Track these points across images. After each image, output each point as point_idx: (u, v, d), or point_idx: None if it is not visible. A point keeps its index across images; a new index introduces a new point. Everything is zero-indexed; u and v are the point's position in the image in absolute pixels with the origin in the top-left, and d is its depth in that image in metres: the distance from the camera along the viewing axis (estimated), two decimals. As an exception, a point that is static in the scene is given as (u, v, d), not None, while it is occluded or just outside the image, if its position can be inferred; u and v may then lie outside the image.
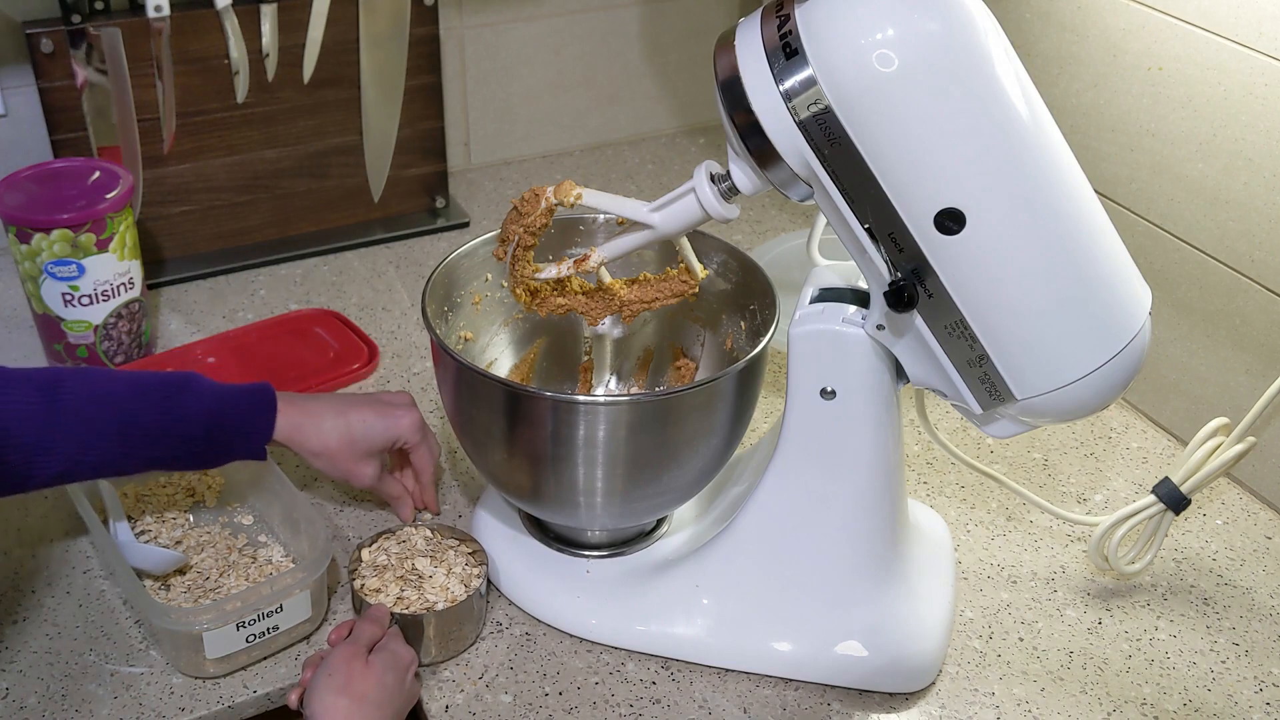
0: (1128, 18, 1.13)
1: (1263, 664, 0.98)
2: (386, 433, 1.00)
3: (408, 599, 0.94)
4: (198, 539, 1.02)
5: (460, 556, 0.98)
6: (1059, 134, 0.77)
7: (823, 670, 0.94)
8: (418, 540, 0.99)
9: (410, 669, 0.88)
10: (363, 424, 0.99)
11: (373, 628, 0.89)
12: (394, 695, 0.85)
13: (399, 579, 0.95)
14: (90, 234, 1.14)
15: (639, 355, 1.10)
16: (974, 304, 0.77)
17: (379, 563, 0.97)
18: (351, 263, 1.44)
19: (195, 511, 1.06)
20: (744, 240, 1.50)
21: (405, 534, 0.99)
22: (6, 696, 0.90)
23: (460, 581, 0.95)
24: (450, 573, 0.96)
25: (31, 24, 1.25)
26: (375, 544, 0.99)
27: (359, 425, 0.98)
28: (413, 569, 0.96)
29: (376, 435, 0.99)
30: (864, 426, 0.87)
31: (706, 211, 0.85)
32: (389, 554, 0.98)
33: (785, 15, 0.75)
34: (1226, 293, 1.11)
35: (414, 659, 0.89)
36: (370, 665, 0.85)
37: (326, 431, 0.97)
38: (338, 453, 0.98)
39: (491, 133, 1.63)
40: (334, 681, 0.83)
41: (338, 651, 0.86)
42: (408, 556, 0.97)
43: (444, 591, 0.94)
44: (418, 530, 1.00)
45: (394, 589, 0.94)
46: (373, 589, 0.94)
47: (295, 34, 1.35)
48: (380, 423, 0.99)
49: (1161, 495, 0.99)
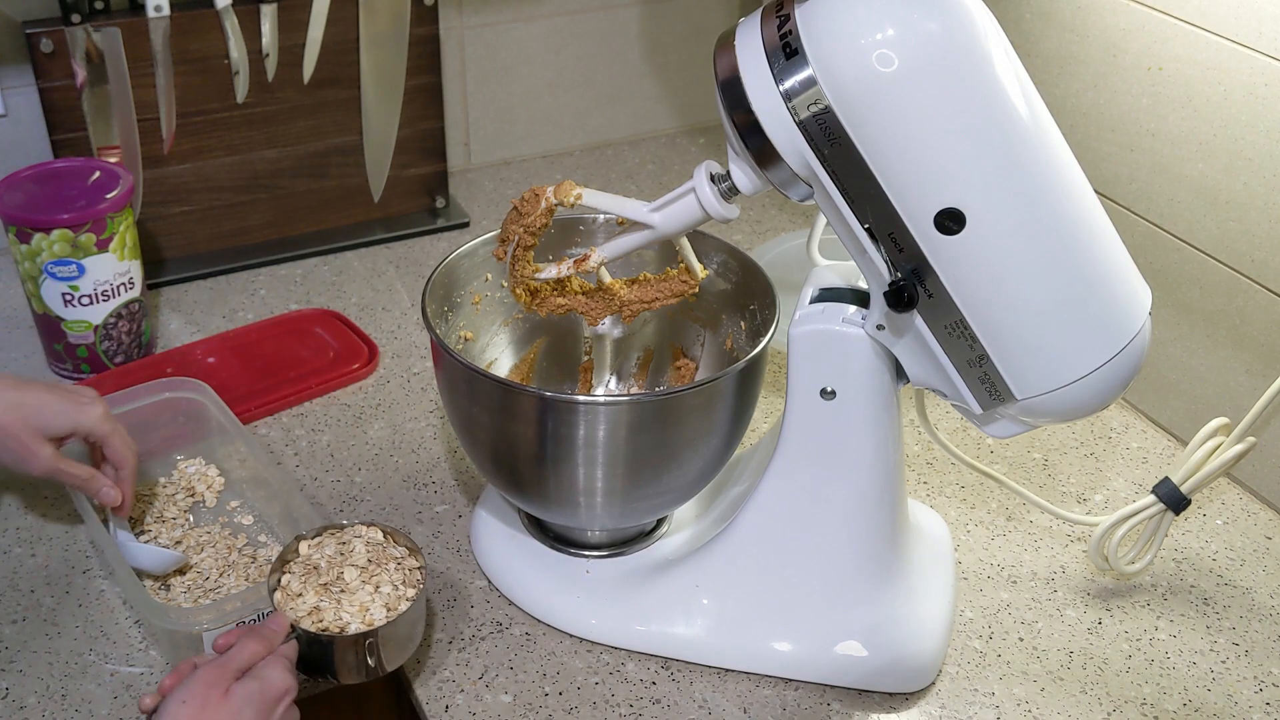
0: (1128, 18, 1.13)
1: (1263, 664, 0.98)
2: (69, 418, 0.93)
3: (323, 611, 0.86)
4: (197, 539, 1.02)
5: (399, 573, 0.90)
6: (1059, 134, 0.77)
7: (823, 670, 0.94)
8: (359, 545, 0.91)
9: (283, 700, 0.79)
10: (42, 404, 0.93)
11: (255, 646, 0.81)
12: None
13: (322, 586, 0.87)
14: (90, 234, 1.14)
15: (639, 355, 1.10)
16: (974, 304, 0.77)
17: (313, 561, 0.90)
18: (351, 263, 1.44)
19: (195, 511, 1.06)
20: (744, 240, 1.50)
21: (353, 533, 0.92)
22: (6, 696, 0.90)
23: (384, 604, 0.87)
24: (377, 591, 0.88)
25: (31, 24, 1.25)
26: (318, 539, 0.92)
27: (37, 404, 0.93)
28: (338, 577, 0.88)
29: (58, 419, 0.93)
30: (864, 426, 0.87)
31: (706, 211, 0.85)
32: (325, 554, 0.90)
33: (785, 15, 0.75)
34: (1226, 293, 1.11)
35: (290, 689, 0.80)
36: (228, 697, 0.76)
37: (2, 404, 0.91)
38: (9, 427, 0.91)
39: (491, 133, 1.63)
40: (184, 711, 0.75)
41: (201, 673, 0.78)
42: (342, 562, 0.89)
43: (361, 613, 0.86)
44: (369, 530, 0.93)
45: (312, 597, 0.87)
46: (292, 592, 0.87)
47: (295, 34, 1.35)
48: (62, 406, 0.93)
49: (1161, 495, 0.99)
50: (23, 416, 0.92)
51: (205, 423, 1.11)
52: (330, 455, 1.15)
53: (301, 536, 0.92)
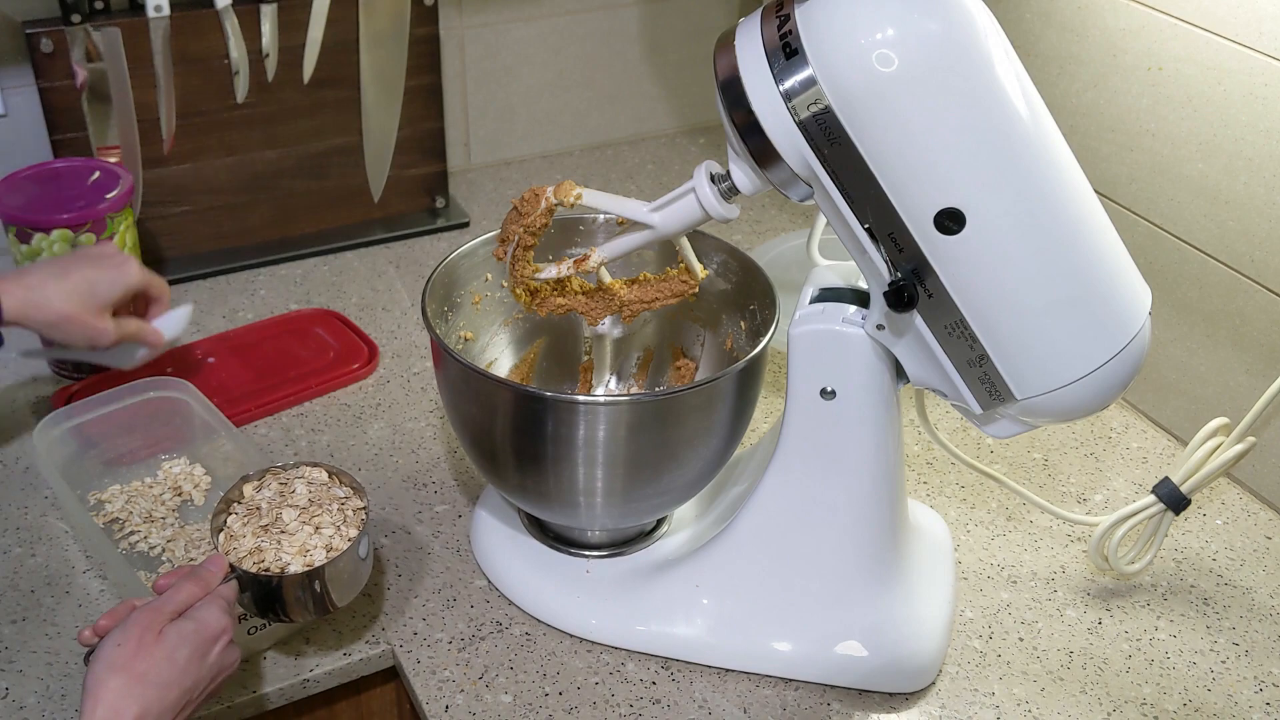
0: (1128, 18, 1.13)
1: (1263, 664, 0.98)
2: (118, 284, 0.97)
3: (264, 551, 0.86)
4: (188, 538, 1.02)
5: (340, 513, 0.90)
6: (1059, 134, 0.77)
7: (823, 670, 0.94)
8: (301, 485, 0.91)
9: (219, 640, 0.79)
10: (92, 282, 0.96)
11: (191, 588, 0.81)
12: (185, 672, 0.77)
13: (262, 528, 0.87)
14: (90, 234, 1.14)
15: (639, 355, 1.10)
16: (974, 304, 0.77)
17: (256, 502, 0.89)
18: (351, 263, 1.44)
19: (183, 511, 1.06)
20: (744, 240, 1.50)
21: (296, 474, 0.92)
22: (6, 696, 0.90)
23: (324, 545, 0.87)
24: (318, 532, 0.88)
25: (31, 24, 1.25)
26: (261, 480, 0.91)
27: (90, 283, 0.96)
28: (278, 519, 0.88)
29: (111, 289, 0.97)
30: (864, 426, 0.87)
31: (706, 211, 0.85)
32: (266, 496, 0.90)
33: (785, 15, 0.75)
34: (1226, 293, 1.11)
35: (225, 629, 0.80)
36: (161, 639, 0.77)
37: (57, 298, 0.94)
38: (77, 316, 0.95)
39: (491, 133, 1.63)
40: (119, 654, 0.75)
41: (136, 616, 0.78)
42: (282, 503, 0.89)
43: (302, 554, 0.86)
44: (313, 470, 0.93)
45: (252, 539, 0.87)
46: (234, 534, 0.87)
47: (295, 34, 1.35)
48: (107, 275, 0.97)
49: (1161, 495, 0.99)
50: (81, 300, 0.95)
51: (190, 421, 1.10)
52: (330, 455, 1.15)
53: (247, 478, 0.92)
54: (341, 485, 0.93)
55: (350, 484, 0.93)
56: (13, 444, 1.13)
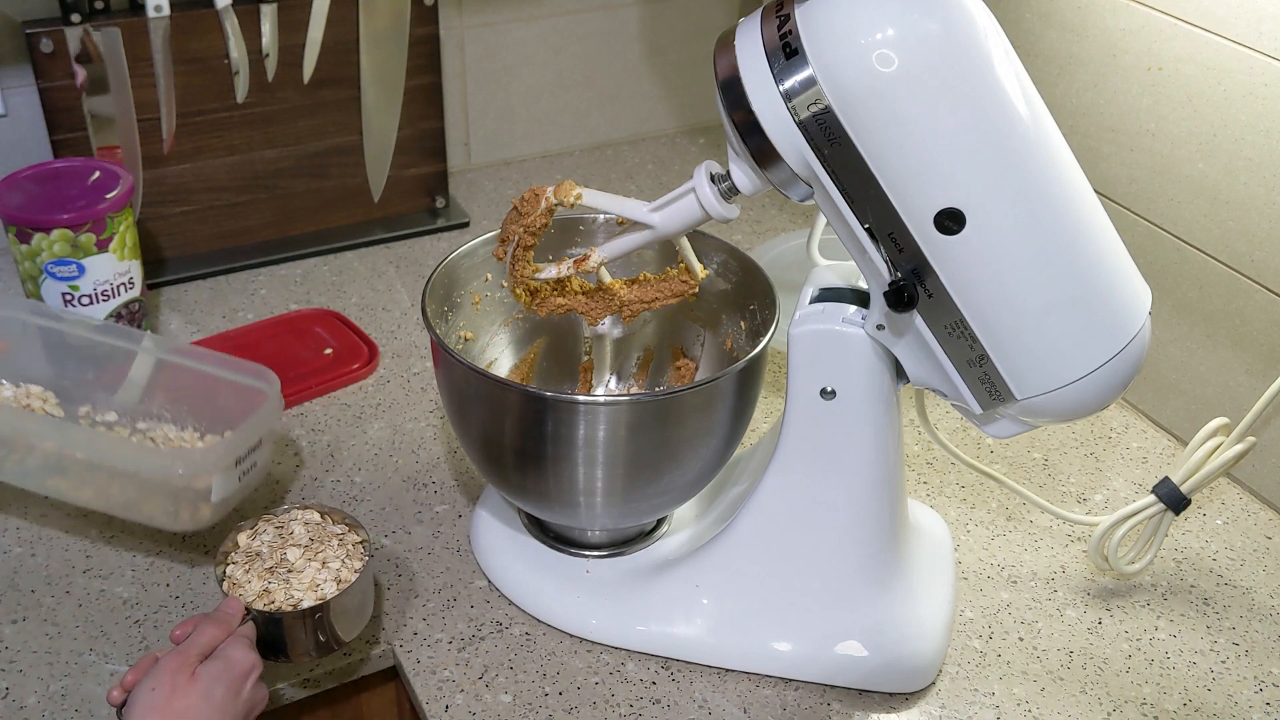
0: (1128, 18, 1.13)
1: (1263, 664, 0.98)
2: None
3: (273, 593, 0.87)
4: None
5: (342, 548, 0.92)
6: (1059, 134, 0.77)
7: (823, 670, 0.94)
8: (297, 527, 0.93)
9: (249, 676, 0.82)
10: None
11: (214, 630, 0.83)
12: (223, 709, 0.79)
13: (267, 571, 0.89)
14: (90, 234, 1.14)
15: (639, 355, 1.10)
16: (974, 304, 0.77)
17: (254, 549, 0.91)
18: (351, 263, 1.44)
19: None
20: (744, 240, 1.50)
21: (289, 517, 0.94)
22: (6, 696, 0.90)
23: (333, 578, 0.89)
24: (325, 567, 0.90)
25: (31, 24, 1.25)
26: (254, 528, 0.93)
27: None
28: (282, 560, 0.90)
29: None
30: (864, 426, 0.87)
31: (706, 211, 0.85)
32: (264, 541, 0.92)
33: (785, 15, 0.75)
34: (1226, 293, 1.11)
35: (255, 665, 0.82)
36: (195, 679, 0.79)
37: None
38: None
39: (491, 133, 1.63)
40: (154, 697, 0.77)
41: (165, 661, 0.79)
42: (282, 545, 0.91)
43: (313, 589, 0.88)
44: (304, 512, 0.94)
45: (258, 583, 0.88)
46: (239, 582, 0.89)
47: (295, 34, 1.35)
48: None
49: (1161, 495, 0.99)
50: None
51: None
52: (330, 455, 1.15)
53: (239, 528, 0.93)
54: (336, 523, 0.94)
55: (345, 520, 0.95)
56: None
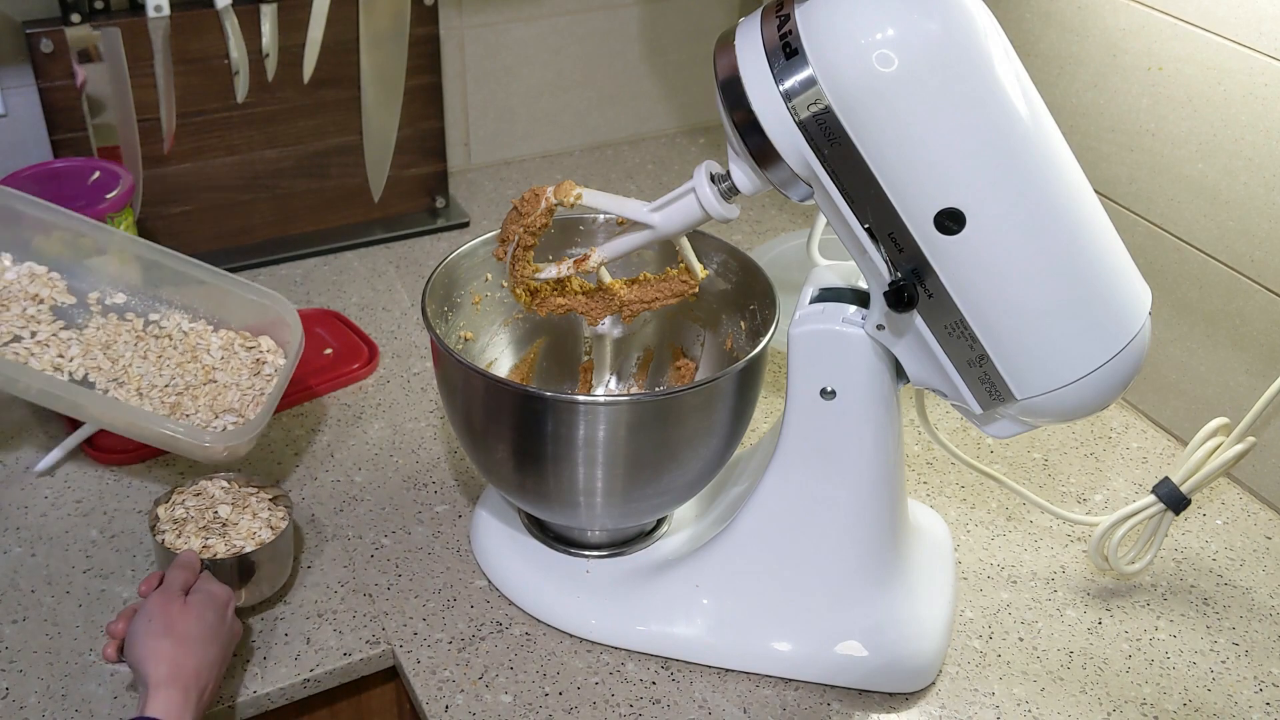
0: (1128, 18, 1.13)
1: (1263, 664, 0.98)
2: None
3: (213, 547, 0.94)
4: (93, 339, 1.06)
5: (262, 503, 0.99)
6: (1059, 134, 0.77)
7: (823, 670, 0.94)
8: (215, 491, 0.99)
9: (229, 606, 0.88)
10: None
11: (183, 574, 0.88)
12: (217, 631, 0.85)
13: (202, 529, 0.95)
14: (90, 234, 1.14)
15: (639, 355, 1.10)
16: (974, 304, 0.77)
17: (177, 517, 0.97)
18: (351, 263, 1.44)
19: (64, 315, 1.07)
20: (744, 240, 1.50)
21: (201, 486, 1.00)
22: (6, 696, 0.90)
23: (266, 525, 0.96)
24: (255, 517, 0.97)
25: (31, 24, 1.25)
26: (170, 500, 0.98)
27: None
28: (215, 517, 0.97)
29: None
30: (864, 426, 0.87)
31: (706, 211, 0.85)
32: (186, 507, 0.97)
33: (785, 15, 0.75)
34: (1226, 293, 1.11)
35: (231, 596, 0.89)
36: (189, 605, 0.85)
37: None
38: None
39: (491, 133, 1.63)
40: (154, 626, 0.82)
41: (152, 599, 0.85)
42: (208, 507, 0.98)
43: (251, 536, 0.95)
44: (213, 481, 1.00)
45: (197, 540, 0.94)
46: (173, 544, 0.94)
47: (295, 34, 1.35)
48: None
49: (1161, 495, 0.99)
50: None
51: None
52: (330, 455, 1.15)
53: (158, 500, 0.98)
54: (249, 485, 1.01)
55: (253, 483, 1.01)
56: (13, 445, 1.13)
